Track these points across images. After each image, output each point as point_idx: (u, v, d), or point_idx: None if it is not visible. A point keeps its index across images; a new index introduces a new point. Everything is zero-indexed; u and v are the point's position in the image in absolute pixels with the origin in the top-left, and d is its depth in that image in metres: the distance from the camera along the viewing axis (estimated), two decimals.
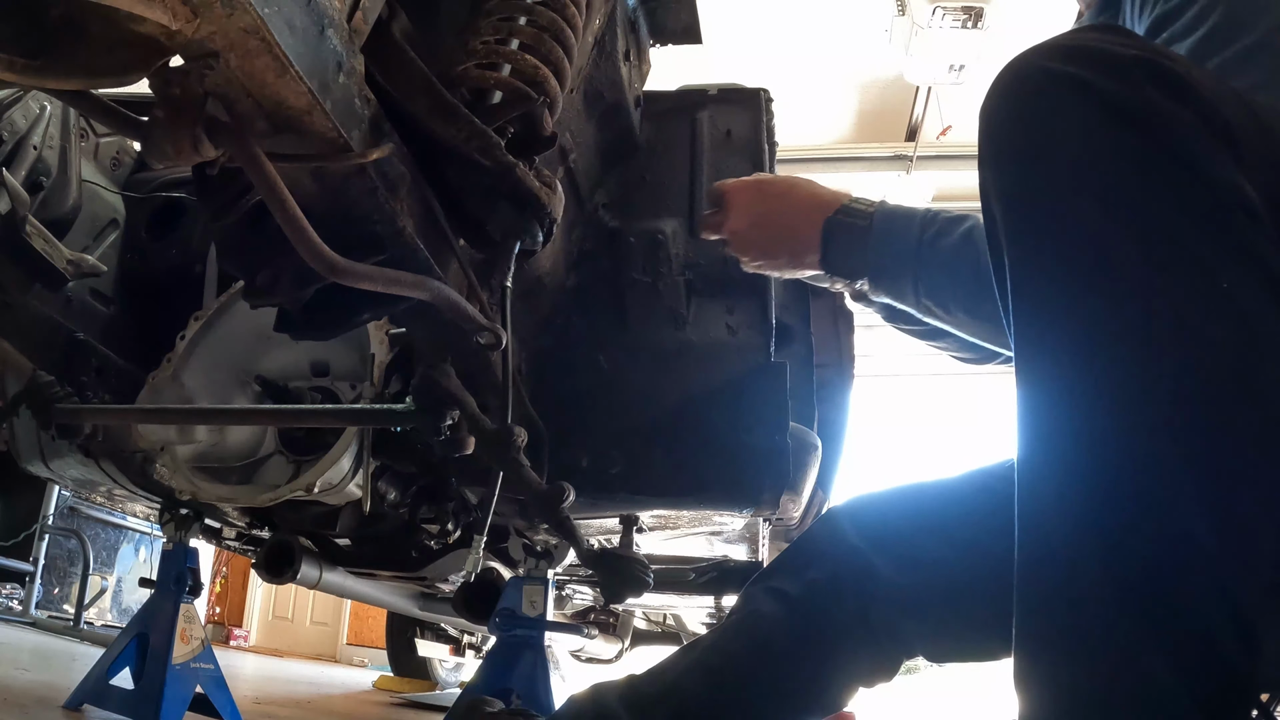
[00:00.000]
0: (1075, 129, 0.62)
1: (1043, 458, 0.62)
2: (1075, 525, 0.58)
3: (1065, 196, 0.62)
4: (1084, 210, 0.61)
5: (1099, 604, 0.56)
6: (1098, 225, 0.61)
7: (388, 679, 4.36)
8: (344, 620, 8.11)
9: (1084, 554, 0.57)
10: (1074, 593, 0.58)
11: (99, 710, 1.82)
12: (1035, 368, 0.63)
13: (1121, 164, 0.61)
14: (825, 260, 1.11)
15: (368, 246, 0.91)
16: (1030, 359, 0.64)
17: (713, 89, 1.71)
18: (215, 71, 0.66)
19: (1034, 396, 0.63)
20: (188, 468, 1.58)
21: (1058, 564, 0.59)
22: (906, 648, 1.03)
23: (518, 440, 1.10)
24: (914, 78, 5.34)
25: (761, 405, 1.48)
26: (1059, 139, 0.63)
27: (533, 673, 1.72)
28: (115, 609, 5.19)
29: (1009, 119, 0.66)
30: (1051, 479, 0.61)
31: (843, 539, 1.06)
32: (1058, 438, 0.61)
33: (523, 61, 1.06)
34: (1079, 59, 0.63)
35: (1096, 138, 0.62)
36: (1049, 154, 0.64)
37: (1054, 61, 0.64)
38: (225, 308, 1.67)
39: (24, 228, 1.42)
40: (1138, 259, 0.59)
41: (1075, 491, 0.59)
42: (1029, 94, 0.65)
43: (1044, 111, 0.64)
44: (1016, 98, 0.66)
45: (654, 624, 4.04)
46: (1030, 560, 0.61)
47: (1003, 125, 0.67)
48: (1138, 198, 0.60)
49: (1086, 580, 0.57)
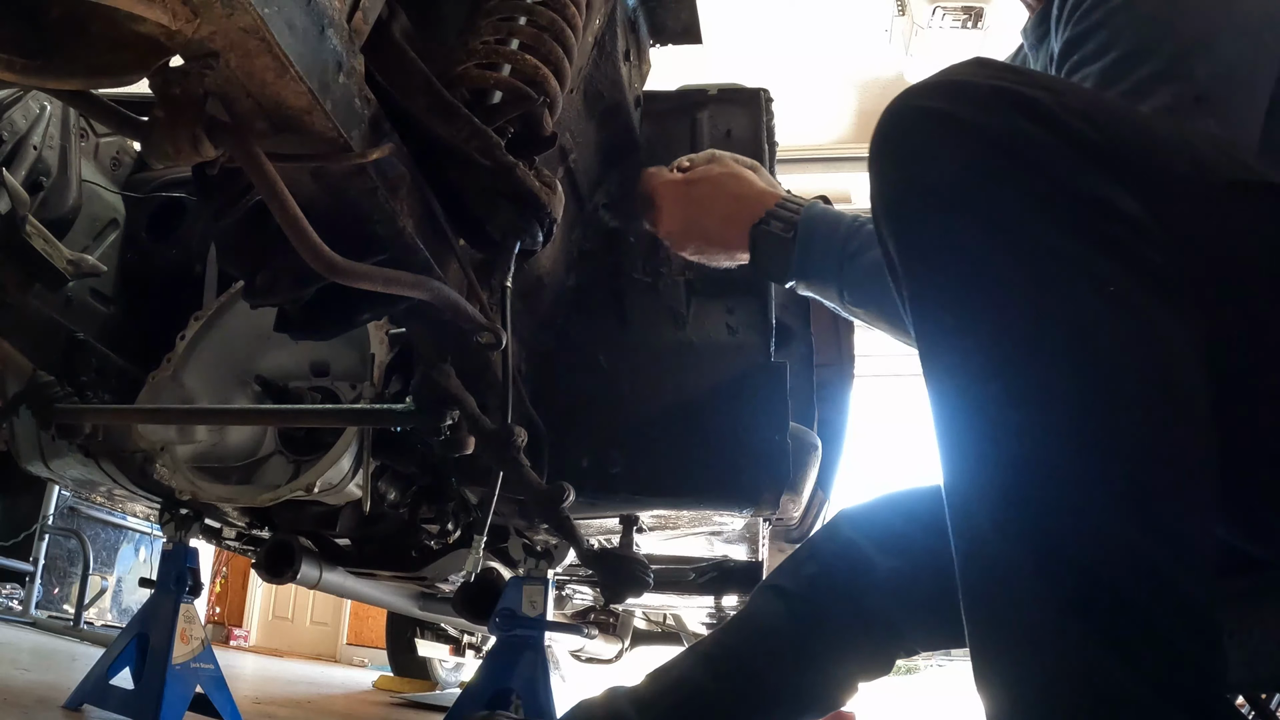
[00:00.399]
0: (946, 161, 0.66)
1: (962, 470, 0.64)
2: (1003, 531, 0.60)
3: (945, 225, 0.66)
4: (964, 236, 0.64)
5: (1037, 605, 0.58)
6: (980, 248, 0.64)
7: (388, 679, 4.36)
8: (344, 620, 8.11)
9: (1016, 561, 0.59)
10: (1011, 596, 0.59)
11: (99, 710, 1.82)
12: (943, 389, 0.66)
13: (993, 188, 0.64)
14: (754, 264, 1.13)
15: (368, 246, 0.91)
16: (936, 382, 0.66)
17: (713, 89, 1.71)
18: (215, 71, 0.66)
19: (946, 415, 0.66)
20: (188, 468, 1.58)
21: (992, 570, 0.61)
22: (900, 639, 1.05)
23: (518, 440, 1.10)
24: (914, 78, 5.31)
25: (761, 405, 1.48)
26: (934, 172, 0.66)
27: (533, 673, 1.72)
28: (115, 609, 5.19)
29: (888, 158, 0.70)
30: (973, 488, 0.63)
31: (839, 536, 1.09)
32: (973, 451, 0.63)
33: (523, 61, 1.06)
34: (944, 94, 0.67)
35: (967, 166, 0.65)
36: (926, 187, 0.67)
37: (923, 99, 0.68)
38: (225, 308, 1.67)
39: (24, 228, 1.42)
40: (1023, 275, 0.62)
41: (1000, 502, 0.61)
42: (903, 133, 0.69)
43: (917, 147, 0.68)
44: (892, 137, 0.70)
45: (654, 624, 4.04)
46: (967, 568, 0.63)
47: (884, 164, 0.70)
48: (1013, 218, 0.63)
49: (1020, 583, 0.59)
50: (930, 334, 0.67)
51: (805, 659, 1.03)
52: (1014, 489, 0.60)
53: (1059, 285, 0.61)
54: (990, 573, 0.61)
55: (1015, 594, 0.59)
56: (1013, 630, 0.60)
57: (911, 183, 0.68)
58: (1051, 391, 0.60)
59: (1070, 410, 0.60)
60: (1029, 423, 0.61)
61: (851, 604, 1.04)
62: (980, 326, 0.63)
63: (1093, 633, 0.56)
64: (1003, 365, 0.62)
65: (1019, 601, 0.59)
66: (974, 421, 0.63)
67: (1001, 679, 0.61)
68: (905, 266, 0.69)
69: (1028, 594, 0.58)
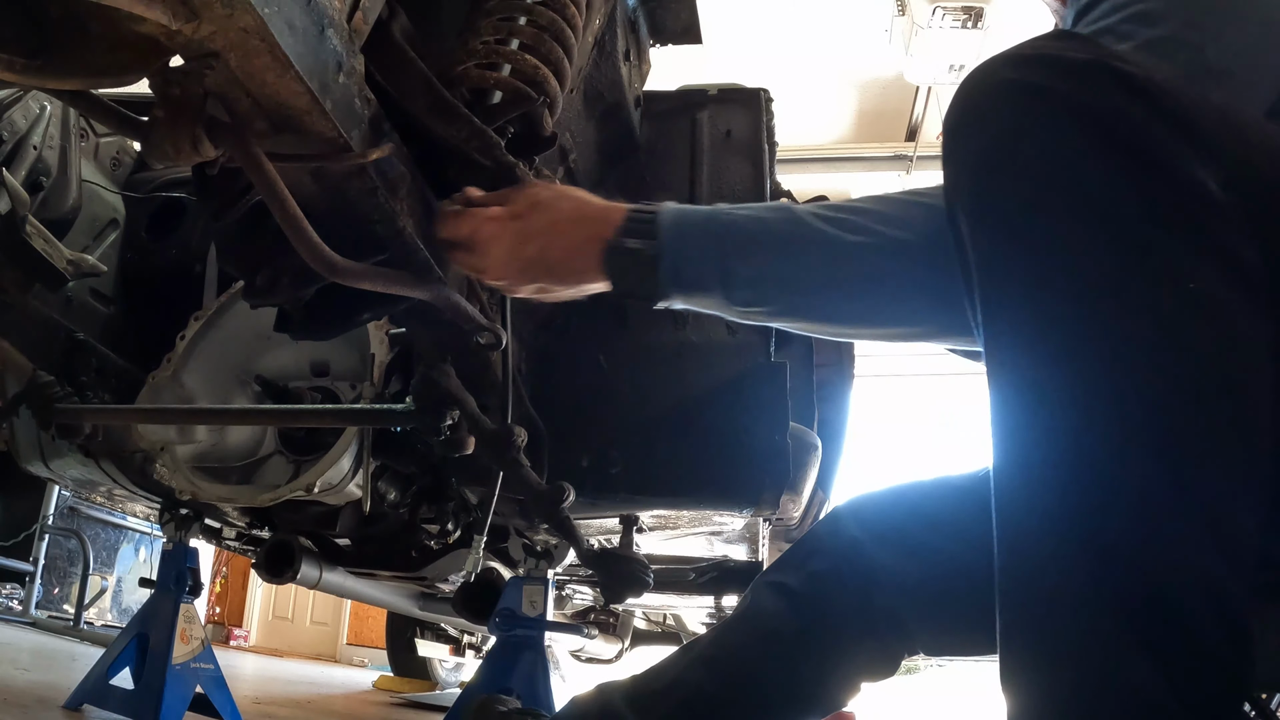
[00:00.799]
0: (1036, 135, 0.63)
1: (1019, 462, 0.62)
2: (1054, 528, 0.59)
3: (1031, 202, 0.63)
4: (1050, 215, 0.62)
5: (1081, 604, 0.56)
6: (1065, 230, 0.61)
7: (388, 679, 4.36)
8: (344, 620, 8.10)
9: (1064, 556, 0.58)
10: (1055, 594, 0.58)
11: (99, 710, 1.82)
12: (1008, 375, 0.63)
13: (1085, 167, 0.61)
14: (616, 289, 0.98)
15: (368, 246, 0.91)
16: (1002, 366, 0.64)
17: (713, 89, 1.71)
18: (215, 71, 0.66)
19: (1009, 404, 0.63)
20: (188, 468, 1.58)
21: (1038, 566, 0.59)
22: (908, 639, 1.03)
23: (518, 440, 1.11)
24: (914, 78, 5.35)
25: (761, 405, 1.48)
26: (1021, 146, 0.63)
27: (533, 673, 1.72)
28: (115, 609, 5.19)
29: (972, 128, 0.67)
30: (1029, 483, 0.61)
31: (844, 532, 1.05)
32: (1034, 443, 0.61)
33: (523, 61, 1.06)
34: (1036, 66, 0.64)
35: (1058, 142, 0.62)
36: (1012, 161, 0.64)
37: (1013, 70, 0.65)
38: (225, 308, 1.67)
39: (24, 228, 1.42)
40: (1108, 262, 0.60)
41: (1054, 495, 0.59)
42: (990, 103, 0.66)
43: (1005, 119, 0.64)
44: (978, 107, 0.67)
45: (654, 624, 4.04)
46: (1011, 563, 0.62)
47: (966, 135, 0.67)
48: (1103, 200, 0.61)
49: (1067, 581, 0.57)
50: (999, 316, 0.64)
51: (809, 660, 1.01)
52: (1072, 484, 0.58)
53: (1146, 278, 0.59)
54: (1033, 564, 0.60)
55: (1058, 590, 0.58)
56: (1049, 626, 0.58)
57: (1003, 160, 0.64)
58: (1123, 384, 0.58)
59: (1141, 406, 0.58)
60: (1096, 417, 0.58)
61: (858, 606, 1.00)
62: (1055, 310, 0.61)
63: (1134, 639, 0.54)
64: (1076, 355, 0.60)
65: (1061, 597, 0.58)
66: (1038, 410, 0.61)
67: (1030, 675, 0.60)
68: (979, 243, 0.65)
69: (1072, 591, 0.57)
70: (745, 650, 1.03)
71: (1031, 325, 0.62)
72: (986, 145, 0.66)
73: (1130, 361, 0.58)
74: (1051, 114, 0.62)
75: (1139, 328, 0.58)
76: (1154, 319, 0.58)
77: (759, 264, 0.92)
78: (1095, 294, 0.60)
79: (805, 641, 1.01)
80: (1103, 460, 0.58)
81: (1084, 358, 0.60)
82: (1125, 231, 0.60)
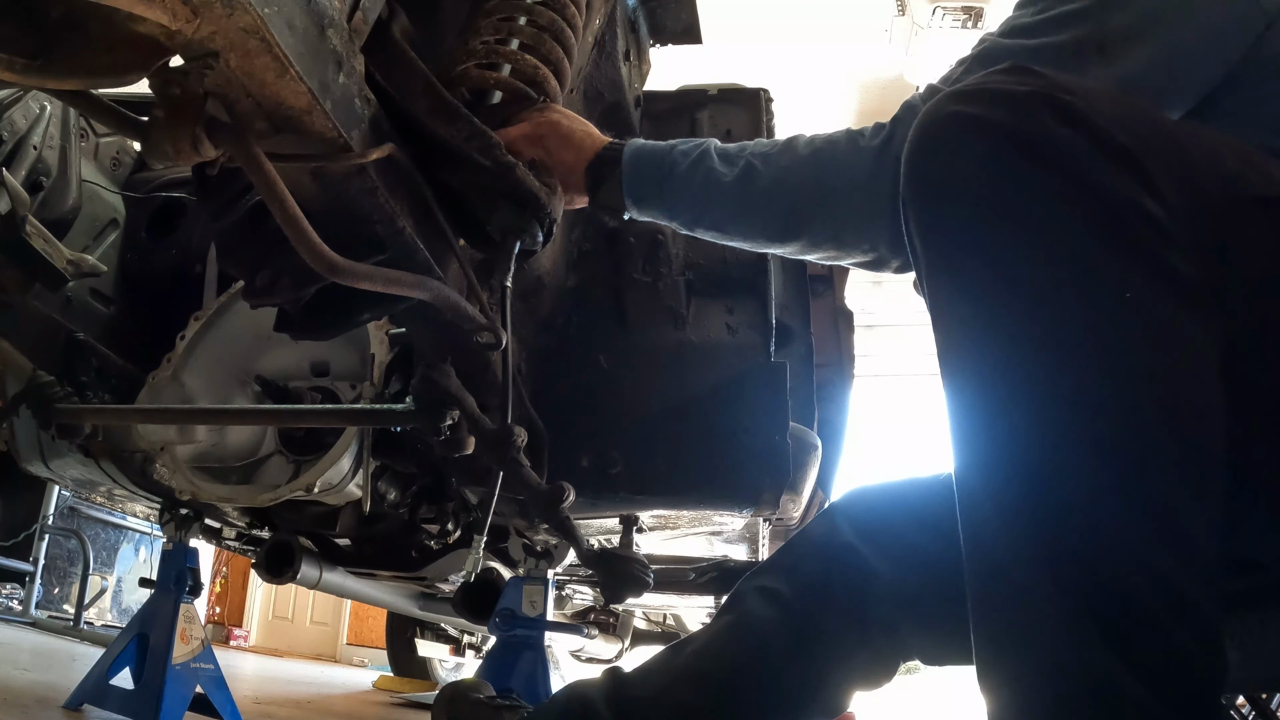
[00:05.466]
0: (980, 163, 0.67)
1: (976, 467, 0.65)
2: (1012, 528, 0.61)
3: (971, 221, 0.67)
4: (993, 236, 0.66)
5: (1046, 607, 0.58)
6: (1006, 249, 0.65)
7: (388, 679, 4.35)
8: (344, 620, 8.10)
9: (1026, 561, 0.60)
10: (1021, 597, 0.60)
11: (99, 710, 1.82)
12: (959, 384, 0.67)
13: (1024, 191, 0.65)
14: (592, 201, 1.17)
15: (368, 246, 0.91)
16: (952, 377, 0.68)
17: (713, 89, 1.72)
18: (215, 71, 0.66)
19: (961, 413, 0.67)
20: (188, 468, 1.58)
21: (1002, 569, 0.62)
22: (904, 647, 1.01)
23: (518, 440, 1.10)
24: (914, 78, 5.34)
25: (761, 405, 1.48)
26: (967, 174, 0.68)
27: (533, 673, 1.72)
28: (115, 609, 5.19)
29: (922, 160, 0.72)
30: (986, 486, 0.64)
31: (836, 535, 1.03)
32: (988, 447, 0.65)
33: (523, 61, 1.06)
34: (981, 100, 0.69)
35: (1000, 170, 0.66)
36: (958, 188, 0.68)
37: (960, 105, 0.70)
38: (225, 308, 1.67)
39: (24, 228, 1.42)
40: (1045, 276, 0.64)
41: (1009, 497, 0.62)
42: (938, 136, 0.71)
43: (951, 150, 0.69)
44: (928, 140, 0.72)
45: (654, 624, 4.04)
46: (977, 566, 0.64)
47: (918, 166, 0.72)
48: (1042, 221, 0.65)
49: (1032, 585, 0.59)
50: (949, 329, 0.68)
51: (801, 672, 0.99)
52: (1024, 488, 0.61)
53: (1080, 287, 0.63)
54: (996, 569, 0.62)
55: (1021, 591, 0.60)
56: (1017, 627, 0.60)
57: (940, 181, 0.70)
58: (1066, 392, 0.61)
59: (1084, 412, 0.60)
60: (1042, 422, 0.62)
61: (853, 614, 0.99)
62: (999, 324, 0.65)
63: (1097, 635, 0.56)
64: (1020, 364, 0.63)
65: (1024, 599, 0.60)
66: (988, 418, 0.65)
67: (1003, 676, 0.62)
68: (929, 262, 0.70)
69: (1034, 592, 0.59)
70: (737, 662, 1.00)
71: (976, 334, 0.66)
72: (934, 173, 0.71)
73: (1068, 366, 0.62)
74: (994, 144, 0.67)
75: (1077, 336, 0.62)
76: (1090, 328, 0.62)
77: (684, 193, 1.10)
78: (1034, 303, 0.64)
79: (799, 653, 0.99)
80: (1049, 462, 0.61)
81: (1027, 364, 0.63)
82: (1062, 247, 0.64)
